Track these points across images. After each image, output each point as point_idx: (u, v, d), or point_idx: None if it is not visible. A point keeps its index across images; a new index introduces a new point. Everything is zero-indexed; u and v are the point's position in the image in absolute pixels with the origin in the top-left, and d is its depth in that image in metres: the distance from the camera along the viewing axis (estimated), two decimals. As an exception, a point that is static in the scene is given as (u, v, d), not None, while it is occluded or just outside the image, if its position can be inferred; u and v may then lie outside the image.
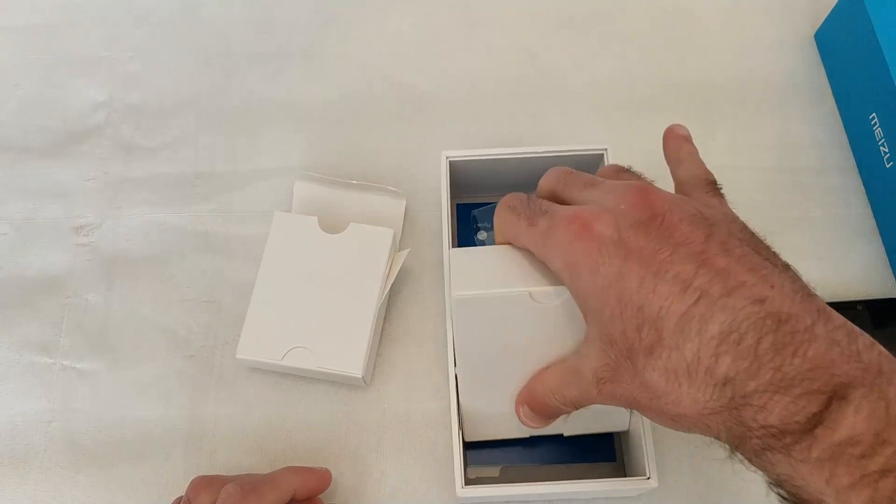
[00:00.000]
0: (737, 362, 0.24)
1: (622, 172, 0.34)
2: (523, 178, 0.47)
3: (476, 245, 0.47)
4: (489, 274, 0.33)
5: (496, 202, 0.33)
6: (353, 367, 0.42)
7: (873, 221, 0.49)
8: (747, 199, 0.50)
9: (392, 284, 0.44)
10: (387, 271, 0.44)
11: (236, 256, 0.49)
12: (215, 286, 0.48)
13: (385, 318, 0.47)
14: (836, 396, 0.23)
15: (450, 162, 0.44)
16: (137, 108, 0.54)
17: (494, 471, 0.42)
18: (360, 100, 0.53)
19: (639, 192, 0.29)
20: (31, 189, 0.51)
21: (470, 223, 0.48)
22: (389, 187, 0.48)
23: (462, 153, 0.44)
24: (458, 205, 0.48)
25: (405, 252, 0.45)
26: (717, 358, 0.25)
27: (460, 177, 0.45)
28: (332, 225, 0.45)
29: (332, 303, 0.44)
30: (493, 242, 0.47)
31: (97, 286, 0.48)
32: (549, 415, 0.34)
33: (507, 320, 0.33)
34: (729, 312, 0.25)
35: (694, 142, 0.35)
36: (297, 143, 0.52)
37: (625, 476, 0.41)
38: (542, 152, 0.44)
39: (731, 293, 0.25)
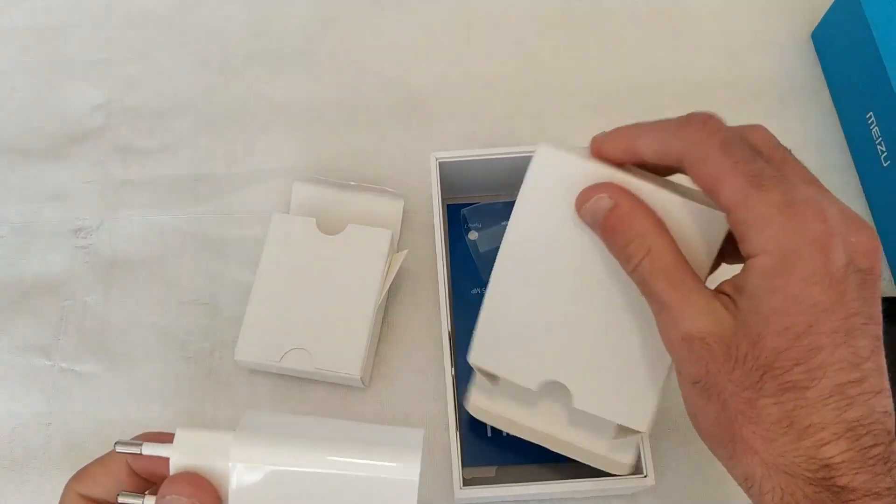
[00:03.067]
0: (849, 453, 0.25)
1: (793, 164, 0.30)
2: (516, 178, 0.47)
3: (468, 244, 0.47)
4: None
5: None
6: (352, 368, 0.42)
7: (871, 221, 0.49)
8: (745, 199, 0.50)
9: (390, 285, 0.45)
10: (385, 272, 0.44)
11: (234, 258, 0.49)
12: (214, 288, 0.48)
13: (383, 319, 0.47)
14: None
15: (440, 163, 0.44)
16: (136, 110, 0.54)
17: (490, 471, 0.42)
18: (357, 101, 0.53)
19: (872, 236, 0.27)
20: (29, 191, 0.51)
21: (460, 223, 0.48)
22: (387, 188, 0.48)
23: (452, 154, 0.44)
24: (448, 205, 0.49)
25: (403, 253, 0.45)
26: (836, 439, 0.25)
27: (452, 177, 0.46)
28: (330, 226, 0.45)
29: (330, 304, 0.44)
30: (486, 242, 0.47)
31: (96, 288, 0.48)
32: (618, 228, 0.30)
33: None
34: (867, 410, 0.25)
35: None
36: (295, 144, 0.52)
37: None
38: (532, 152, 0.44)
39: (878, 394, 0.26)
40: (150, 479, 0.29)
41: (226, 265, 0.49)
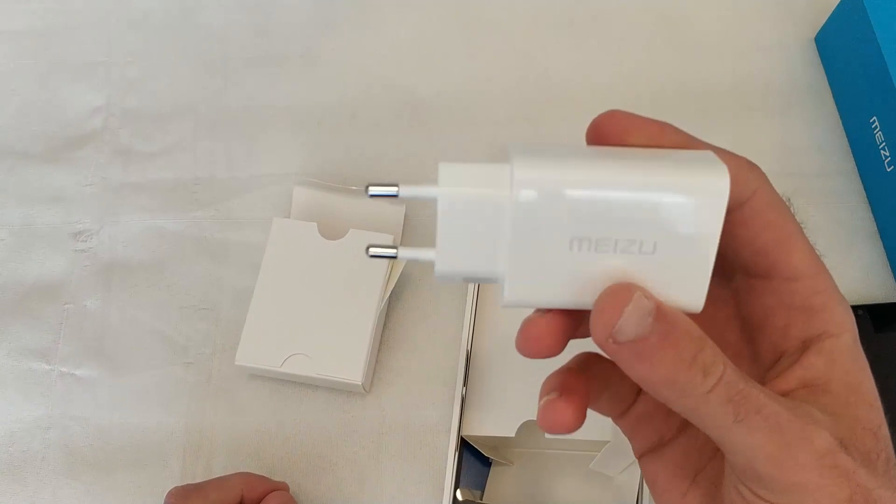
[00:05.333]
0: None
1: None
2: None
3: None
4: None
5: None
6: (353, 373, 0.42)
7: (874, 225, 0.49)
8: (748, 204, 0.50)
9: (391, 291, 0.44)
10: (386, 278, 0.44)
11: (235, 263, 0.49)
12: (214, 293, 0.48)
13: (384, 324, 0.46)
14: None
15: None
16: (136, 113, 0.54)
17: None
18: (359, 105, 0.53)
19: None
20: (28, 195, 0.51)
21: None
22: (389, 193, 0.47)
23: None
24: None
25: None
26: None
27: None
28: (331, 231, 0.45)
29: (331, 309, 0.43)
30: None
31: (95, 292, 0.48)
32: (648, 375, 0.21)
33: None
34: None
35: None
36: (296, 148, 0.52)
37: None
38: None
39: None
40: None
41: (226, 270, 0.48)
